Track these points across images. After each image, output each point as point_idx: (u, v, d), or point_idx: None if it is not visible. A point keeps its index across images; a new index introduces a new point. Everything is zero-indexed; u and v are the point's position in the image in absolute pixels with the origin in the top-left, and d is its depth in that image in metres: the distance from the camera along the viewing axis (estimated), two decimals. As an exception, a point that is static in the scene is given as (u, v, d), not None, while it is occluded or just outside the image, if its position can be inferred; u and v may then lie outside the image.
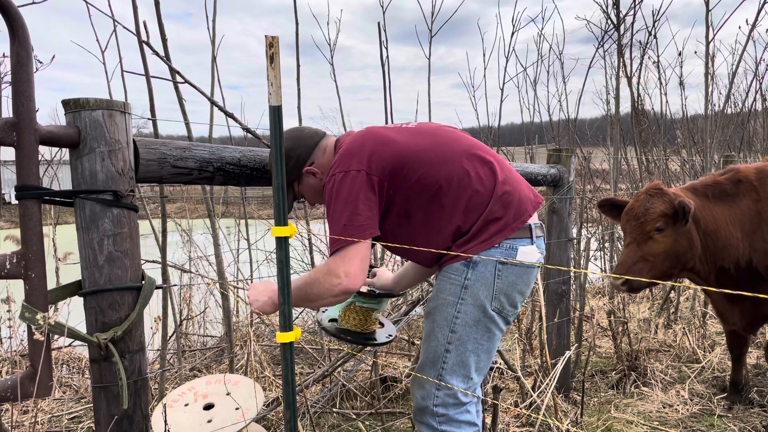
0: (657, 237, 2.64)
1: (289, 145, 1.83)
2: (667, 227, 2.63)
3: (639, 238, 2.67)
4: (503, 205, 1.71)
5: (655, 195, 2.67)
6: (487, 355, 1.78)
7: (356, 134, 1.78)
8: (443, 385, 1.74)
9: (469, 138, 1.85)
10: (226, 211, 5.67)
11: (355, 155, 1.67)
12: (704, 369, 3.69)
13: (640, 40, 5.57)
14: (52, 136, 1.41)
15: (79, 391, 3.44)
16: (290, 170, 1.83)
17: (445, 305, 1.73)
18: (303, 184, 1.89)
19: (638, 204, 2.70)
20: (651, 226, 2.64)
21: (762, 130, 7.81)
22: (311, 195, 1.93)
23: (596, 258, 6.08)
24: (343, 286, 1.62)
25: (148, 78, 2.47)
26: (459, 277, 1.71)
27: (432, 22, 3.85)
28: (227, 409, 1.87)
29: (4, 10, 1.33)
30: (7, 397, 1.39)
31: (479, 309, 1.71)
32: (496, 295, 1.71)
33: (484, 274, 1.70)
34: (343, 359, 3.06)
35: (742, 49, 4.87)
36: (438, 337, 1.75)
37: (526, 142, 6.11)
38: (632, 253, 2.66)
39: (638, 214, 2.67)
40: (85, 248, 1.47)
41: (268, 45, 1.37)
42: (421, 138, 1.75)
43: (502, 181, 1.73)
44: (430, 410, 1.76)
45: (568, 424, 2.79)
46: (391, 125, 1.85)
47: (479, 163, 1.74)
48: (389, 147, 1.69)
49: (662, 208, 2.62)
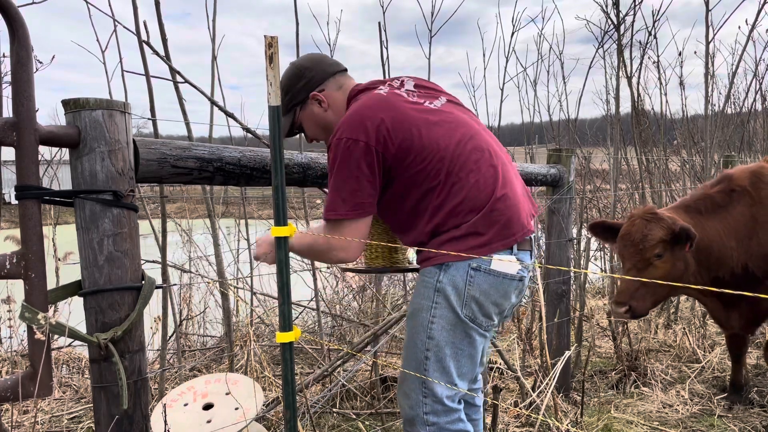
0: (656, 263, 2.63)
1: (304, 64, 1.79)
2: (665, 253, 2.62)
3: (638, 265, 2.65)
4: (490, 222, 1.62)
5: (651, 220, 2.64)
6: (470, 360, 1.71)
7: (376, 97, 1.67)
8: (428, 392, 1.68)
9: (483, 139, 1.73)
10: (226, 211, 5.67)
11: (369, 123, 1.58)
12: (704, 369, 3.69)
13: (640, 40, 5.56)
14: (52, 136, 1.41)
15: (79, 391, 3.44)
16: (297, 91, 1.77)
17: (421, 310, 1.68)
18: (306, 110, 1.81)
19: (635, 229, 2.66)
20: (650, 253, 2.62)
21: (762, 130, 7.81)
22: (310, 126, 1.84)
23: (596, 258, 6.08)
24: (341, 258, 1.70)
25: (148, 78, 2.47)
26: (432, 279, 1.66)
27: (432, 22, 3.85)
28: (227, 408, 1.87)
29: (4, 10, 1.33)
30: (7, 397, 1.39)
31: (453, 313, 1.64)
32: (466, 302, 1.63)
33: (455, 279, 1.62)
34: (343, 359, 3.06)
35: (742, 49, 4.87)
36: (416, 343, 1.69)
37: (526, 142, 6.11)
38: (632, 281, 2.64)
39: (636, 240, 2.64)
40: (85, 248, 1.47)
41: (267, 45, 1.38)
42: (437, 128, 1.65)
43: (498, 197, 1.64)
44: (421, 419, 1.69)
45: (568, 424, 2.79)
46: (414, 99, 1.71)
47: (485, 167, 1.66)
48: (404, 130, 1.60)
49: (660, 234, 2.60)
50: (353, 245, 1.64)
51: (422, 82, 1.85)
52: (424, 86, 1.83)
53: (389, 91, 1.71)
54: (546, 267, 3.39)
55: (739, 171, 2.86)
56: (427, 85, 1.84)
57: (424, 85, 1.84)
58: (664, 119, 6.12)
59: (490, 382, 2.99)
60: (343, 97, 1.81)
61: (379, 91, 1.71)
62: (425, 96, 1.76)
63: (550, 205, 3.35)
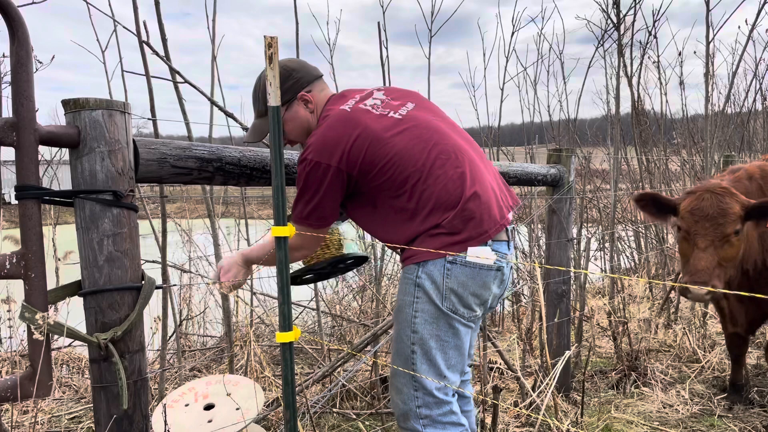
0: (733, 240, 2.46)
1: (293, 66, 1.84)
2: (741, 230, 2.47)
3: (716, 242, 2.45)
4: (462, 221, 1.68)
5: (725, 194, 2.48)
6: (457, 351, 1.76)
7: (342, 115, 1.74)
8: (419, 385, 1.73)
9: (450, 141, 1.78)
10: (226, 211, 5.67)
11: (334, 146, 1.68)
12: (704, 369, 3.69)
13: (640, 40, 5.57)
14: (52, 136, 1.41)
15: (79, 391, 3.44)
16: (286, 90, 1.81)
17: (404, 306, 1.75)
18: (290, 110, 1.85)
19: (708, 204, 2.48)
20: (731, 228, 2.43)
21: (762, 130, 7.81)
22: (294, 127, 1.87)
23: (596, 258, 6.08)
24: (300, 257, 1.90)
25: (148, 78, 2.47)
26: (411, 275, 1.73)
27: (432, 22, 3.85)
28: (227, 409, 1.87)
29: (4, 10, 1.33)
30: (7, 397, 1.39)
31: (434, 306, 1.71)
32: (446, 295, 1.70)
33: (433, 273, 1.69)
34: (343, 359, 3.06)
35: (742, 49, 4.87)
36: (403, 338, 1.75)
37: (526, 142, 6.11)
38: (711, 258, 2.43)
39: (713, 214, 2.45)
40: (85, 248, 1.47)
41: (267, 45, 1.37)
42: (402, 137, 1.72)
43: (468, 197, 1.69)
44: (414, 412, 1.74)
45: (568, 424, 2.79)
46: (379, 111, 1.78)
47: (452, 171, 1.71)
48: (368, 146, 1.69)
49: (738, 209, 2.44)
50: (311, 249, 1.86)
51: (390, 91, 1.92)
52: (392, 94, 1.89)
53: (354, 106, 1.78)
54: (546, 267, 3.39)
55: (748, 165, 2.85)
56: (395, 94, 1.90)
57: (393, 93, 1.90)
58: (664, 119, 6.12)
59: (490, 382, 2.99)
60: (321, 104, 1.87)
61: (345, 108, 1.77)
62: (390, 107, 1.82)
63: (550, 205, 3.35)
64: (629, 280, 5.47)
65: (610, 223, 4.94)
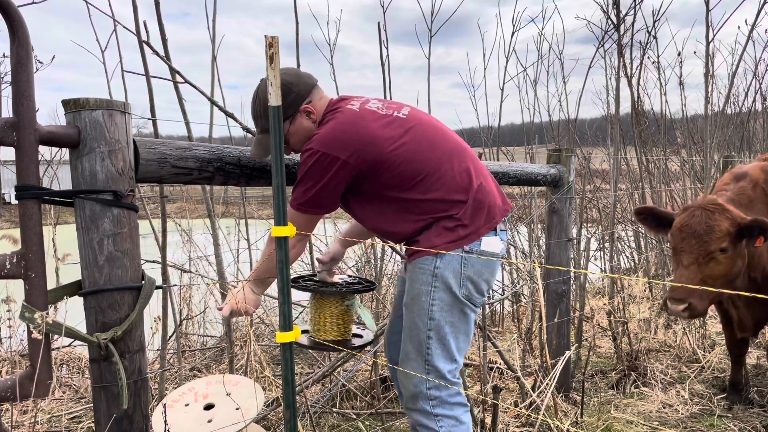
0: (720, 258, 2.43)
1: (290, 80, 1.85)
2: (729, 247, 2.43)
3: (701, 259, 2.43)
4: (474, 211, 1.81)
5: (715, 211, 2.45)
6: (466, 336, 1.89)
7: (351, 113, 1.80)
8: (431, 368, 1.83)
9: (451, 139, 1.91)
10: (226, 211, 5.67)
11: (345, 140, 1.73)
12: (704, 369, 3.69)
13: (640, 40, 5.57)
14: (52, 136, 1.41)
15: (79, 391, 3.44)
16: (288, 105, 1.82)
17: (421, 294, 1.83)
18: (294, 124, 1.87)
19: (696, 221, 2.46)
20: (716, 246, 2.41)
21: (762, 130, 7.81)
22: (297, 139, 1.89)
23: (596, 258, 6.08)
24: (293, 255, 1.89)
25: (148, 78, 2.47)
26: (429, 266, 1.81)
27: (432, 22, 3.85)
28: (227, 409, 1.87)
29: (4, 10, 1.33)
30: (7, 397, 1.39)
31: (451, 294, 1.81)
32: (463, 282, 1.81)
33: (452, 263, 1.80)
34: (343, 359, 3.06)
35: (741, 49, 4.87)
36: (419, 325, 1.84)
37: (526, 142, 6.10)
38: (693, 275, 2.42)
39: (699, 231, 2.43)
40: (85, 248, 1.47)
41: (267, 45, 1.38)
42: (410, 134, 1.81)
43: (476, 189, 1.83)
44: (424, 394, 1.84)
45: (568, 424, 2.79)
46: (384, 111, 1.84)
47: (458, 167, 1.82)
48: (375, 147, 1.75)
49: (726, 226, 2.41)
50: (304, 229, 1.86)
51: (384, 100, 1.97)
52: (388, 102, 1.95)
53: (361, 106, 1.83)
54: (546, 267, 3.39)
55: (751, 168, 2.82)
56: (390, 102, 1.96)
57: (388, 101, 1.97)
58: (664, 119, 6.12)
59: (490, 382, 2.99)
60: (322, 108, 1.90)
61: (353, 107, 1.82)
62: (391, 108, 1.88)
63: (550, 205, 3.35)
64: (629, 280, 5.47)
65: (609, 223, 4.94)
